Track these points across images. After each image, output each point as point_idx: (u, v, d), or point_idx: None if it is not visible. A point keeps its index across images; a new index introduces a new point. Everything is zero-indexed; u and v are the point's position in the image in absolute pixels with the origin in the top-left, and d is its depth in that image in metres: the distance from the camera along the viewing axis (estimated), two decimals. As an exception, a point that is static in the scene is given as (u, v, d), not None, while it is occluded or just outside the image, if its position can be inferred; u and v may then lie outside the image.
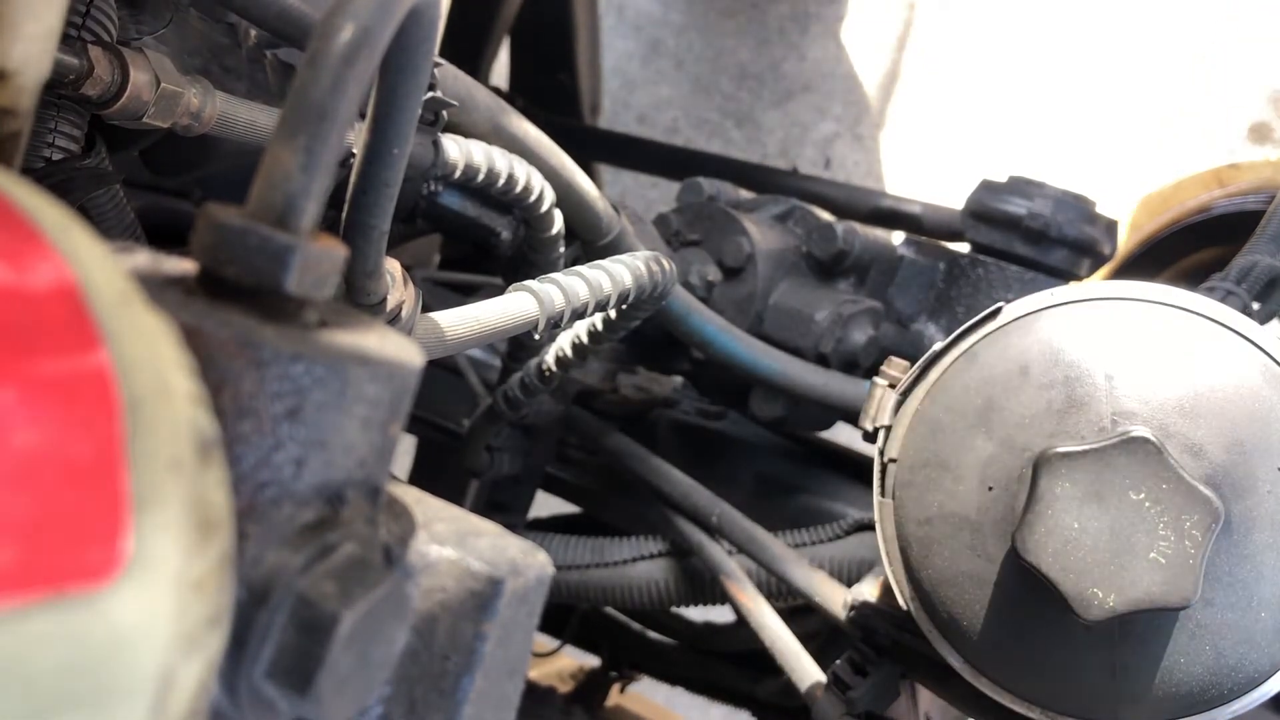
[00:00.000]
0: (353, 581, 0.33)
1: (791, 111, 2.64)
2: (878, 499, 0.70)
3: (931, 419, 0.68)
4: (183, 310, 0.32)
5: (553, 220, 0.86)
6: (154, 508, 0.27)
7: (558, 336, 0.90)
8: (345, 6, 0.36)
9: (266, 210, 0.34)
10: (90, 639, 0.26)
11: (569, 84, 1.84)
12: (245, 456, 0.32)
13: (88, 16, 0.60)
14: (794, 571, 0.97)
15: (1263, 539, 0.59)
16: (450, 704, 0.39)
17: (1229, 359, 0.62)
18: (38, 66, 0.43)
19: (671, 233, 1.16)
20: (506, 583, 0.40)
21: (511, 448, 1.11)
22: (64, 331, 0.27)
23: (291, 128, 0.35)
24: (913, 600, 0.68)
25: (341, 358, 0.33)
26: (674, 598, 1.14)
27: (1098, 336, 0.64)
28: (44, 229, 0.29)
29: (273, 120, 0.67)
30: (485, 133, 0.80)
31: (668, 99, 2.75)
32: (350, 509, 0.35)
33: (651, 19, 2.76)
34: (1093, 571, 0.58)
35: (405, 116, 0.48)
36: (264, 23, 0.65)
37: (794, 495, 1.22)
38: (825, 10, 2.66)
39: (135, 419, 0.28)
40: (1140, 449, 0.58)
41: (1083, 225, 1.13)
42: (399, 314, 0.60)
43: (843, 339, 1.11)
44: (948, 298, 1.17)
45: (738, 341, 1.01)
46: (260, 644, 0.32)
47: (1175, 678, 0.61)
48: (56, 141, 0.62)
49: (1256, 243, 0.83)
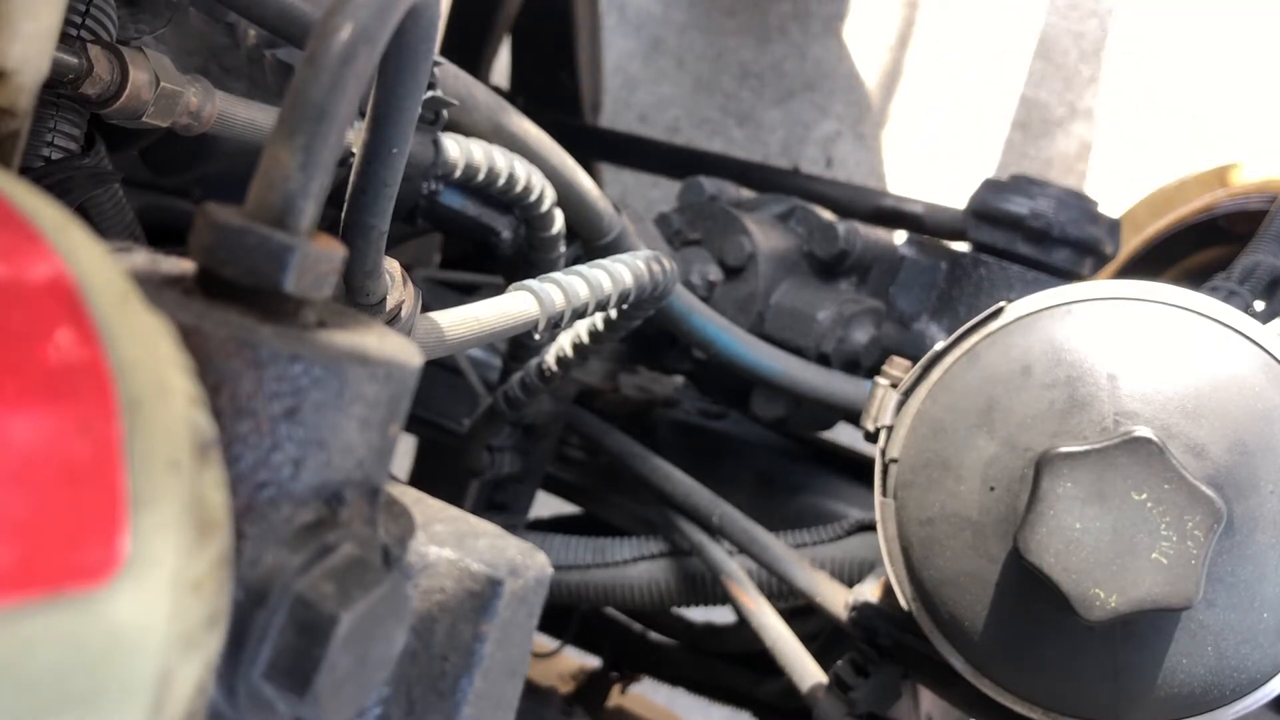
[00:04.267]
0: (351, 582, 0.33)
1: (793, 110, 2.64)
2: (879, 499, 0.69)
3: (933, 419, 0.67)
4: (181, 310, 0.32)
5: (553, 219, 0.86)
6: (152, 508, 0.27)
7: (558, 336, 0.90)
8: (344, 5, 0.36)
9: (265, 210, 0.34)
10: (88, 639, 0.26)
11: (569, 83, 1.83)
12: (243, 457, 0.32)
13: (87, 15, 0.60)
14: (795, 572, 0.96)
15: (1265, 539, 0.59)
16: (449, 705, 0.39)
17: (1232, 359, 0.62)
18: (37, 65, 0.43)
19: (672, 232, 1.16)
20: (505, 584, 0.40)
21: (512, 448, 1.11)
22: (62, 331, 0.27)
23: (290, 127, 0.35)
24: (914, 601, 0.68)
25: (340, 358, 0.33)
26: (675, 598, 1.13)
27: (1100, 336, 0.64)
28: (42, 228, 0.29)
29: (272, 120, 0.67)
30: (485, 132, 0.80)
31: (669, 98, 2.75)
32: (349, 509, 0.35)
33: (653, 18, 2.76)
34: (1095, 572, 0.58)
35: (405, 115, 0.48)
36: (263, 22, 0.65)
37: (795, 495, 1.22)
38: (827, 9, 2.66)
39: (133, 419, 0.28)
40: (1143, 449, 0.58)
41: (1085, 225, 1.13)
42: (398, 314, 0.60)
43: (844, 339, 1.11)
44: (950, 297, 1.17)
45: (739, 341, 1.01)
46: (258, 644, 0.32)
47: (1177, 678, 0.61)
48: (55, 141, 0.62)
49: (1259, 243, 0.83)
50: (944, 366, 0.69)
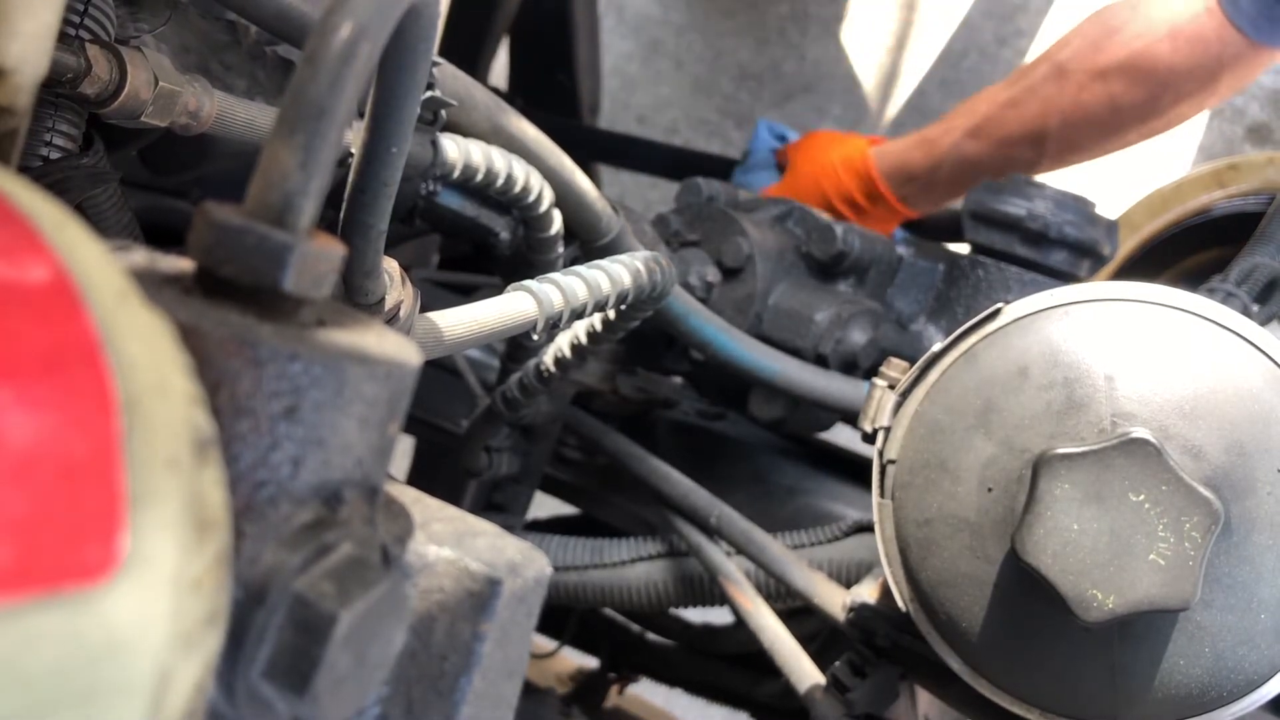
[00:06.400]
0: (350, 581, 0.33)
1: (791, 112, 2.64)
2: (877, 500, 0.70)
3: (931, 420, 0.67)
4: (180, 309, 0.32)
5: (551, 220, 0.86)
6: (151, 506, 0.27)
7: (556, 337, 0.90)
8: (344, 5, 0.36)
9: (264, 209, 0.34)
10: (86, 638, 0.26)
11: (568, 84, 1.84)
12: (242, 455, 0.32)
13: (85, 14, 0.60)
14: (793, 573, 0.96)
15: (1262, 540, 0.59)
16: (448, 704, 0.39)
17: (1229, 361, 0.62)
18: (35, 65, 0.43)
19: (670, 233, 1.16)
20: (504, 583, 0.39)
21: (510, 448, 1.11)
22: (60, 329, 0.27)
23: (290, 126, 0.35)
24: (912, 602, 0.68)
25: (339, 357, 0.33)
26: (673, 599, 1.13)
27: (1098, 338, 0.64)
28: (41, 227, 0.29)
29: (271, 119, 0.67)
30: (484, 132, 0.80)
31: (667, 99, 2.75)
32: (348, 509, 0.35)
33: (651, 19, 2.76)
34: (1092, 573, 0.58)
35: (404, 115, 0.48)
36: (263, 21, 0.65)
37: (793, 496, 1.22)
38: (825, 10, 2.66)
39: (132, 417, 0.28)
40: (1140, 450, 0.58)
41: (1083, 226, 1.13)
42: (397, 313, 0.60)
43: (842, 340, 1.11)
44: (947, 299, 1.17)
45: (737, 342, 1.01)
46: (257, 644, 0.32)
47: (1174, 679, 0.61)
48: (54, 140, 0.62)
49: (1256, 244, 0.83)
50: (942, 368, 0.69)
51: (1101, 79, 1.28)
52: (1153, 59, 1.25)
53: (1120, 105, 1.29)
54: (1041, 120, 1.31)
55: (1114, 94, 1.28)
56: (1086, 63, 1.29)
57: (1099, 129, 1.32)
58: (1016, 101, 1.33)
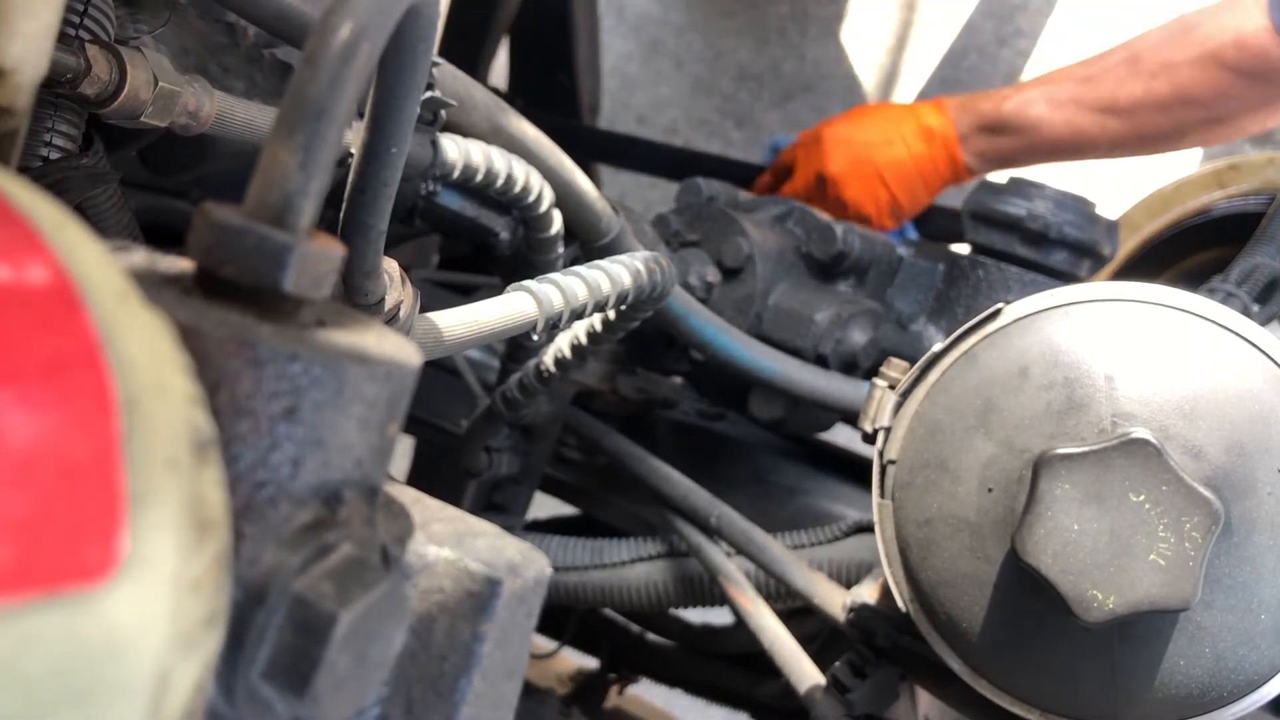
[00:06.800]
0: (350, 582, 0.33)
1: (791, 112, 2.64)
2: (877, 500, 0.70)
3: (931, 420, 0.67)
4: (180, 309, 0.32)
5: (551, 220, 0.86)
6: (150, 506, 0.27)
7: (556, 337, 0.90)
8: (344, 5, 0.36)
9: (264, 209, 0.34)
10: (86, 638, 0.26)
11: (568, 84, 1.83)
12: (242, 456, 0.32)
13: (85, 15, 0.60)
14: (793, 573, 0.96)
15: (1263, 541, 0.59)
16: (448, 705, 0.39)
17: (1229, 361, 0.62)
18: (35, 65, 0.43)
19: (670, 233, 1.16)
20: (504, 584, 0.39)
21: (510, 449, 1.11)
22: (60, 329, 0.27)
23: (289, 126, 0.35)
24: (912, 602, 0.68)
25: (339, 357, 0.33)
26: (673, 599, 1.13)
27: (1098, 338, 0.64)
28: (41, 227, 0.29)
29: (271, 120, 0.67)
30: (484, 132, 0.80)
31: (667, 99, 2.75)
32: (348, 509, 0.35)
33: (651, 19, 2.76)
34: (1092, 573, 0.58)
35: (403, 115, 0.48)
36: (263, 21, 0.65)
37: (793, 496, 1.22)
38: (825, 10, 2.66)
39: (132, 417, 0.27)
40: (1140, 450, 0.58)
41: (1083, 226, 1.13)
42: (397, 314, 0.60)
43: (842, 340, 1.11)
44: (947, 299, 1.17)
45: (737, 342, 1.01)
46: (257, 644, 0.32)
47: (1175, 680, 0.61)
48: (54, 140, 0.62)
49: (1257, 244, 0.83)
50: (942, 368, 0.69)
51: (1170, 71, 1.37)
52: (1220, 60, 1.34)
53: (1187, 98, 1.37)
54: (1111, 99, 1.40)
55: (1181, 86, 1.37)
56: (1160, 54, 1.38)
57: (1164, 117, 1.40)
58: (1091, 78, 1.42)
